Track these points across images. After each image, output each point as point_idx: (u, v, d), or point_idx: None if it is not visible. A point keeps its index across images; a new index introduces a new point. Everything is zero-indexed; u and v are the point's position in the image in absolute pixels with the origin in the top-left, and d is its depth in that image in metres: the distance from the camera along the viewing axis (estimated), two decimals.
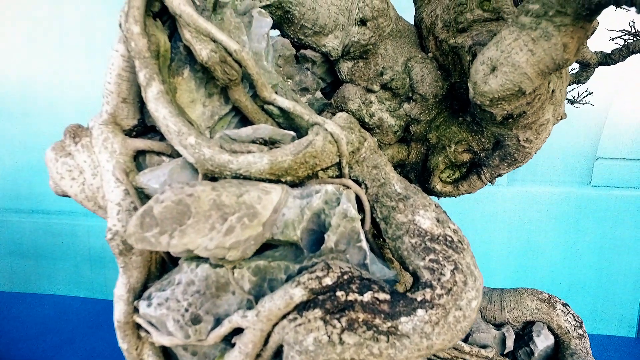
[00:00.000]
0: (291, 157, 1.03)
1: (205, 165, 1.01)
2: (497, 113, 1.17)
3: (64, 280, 4.17)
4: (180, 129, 1.01)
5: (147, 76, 1.04)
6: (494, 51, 1.08)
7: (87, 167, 1.25)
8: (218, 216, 0.85)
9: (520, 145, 1.29)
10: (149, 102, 1.03)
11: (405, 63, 1.40)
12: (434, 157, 1.45)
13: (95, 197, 1.25)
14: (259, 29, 1.23)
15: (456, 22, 1.30)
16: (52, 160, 1.31)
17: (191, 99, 1.20)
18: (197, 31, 1.07)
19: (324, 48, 1.44)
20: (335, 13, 1.38)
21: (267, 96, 1.13)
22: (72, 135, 1.30)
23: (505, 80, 1.07)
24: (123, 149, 1.21)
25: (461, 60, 1.35)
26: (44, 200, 4.05)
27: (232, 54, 1.07)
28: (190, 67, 1.19)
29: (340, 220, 1.05)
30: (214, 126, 1.23)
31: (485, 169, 1.42)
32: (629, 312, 3.44)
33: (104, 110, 1.25)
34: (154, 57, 1.07)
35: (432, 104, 1.41)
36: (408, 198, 1.12)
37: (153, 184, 1.12)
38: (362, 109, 1.43)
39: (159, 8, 1.15)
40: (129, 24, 1.05)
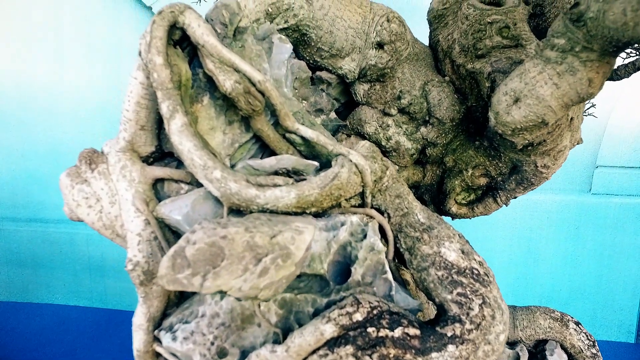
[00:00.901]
0: (318, 191, 1.02)
1: (231, 199, 1.00)
2: (518, 142, 1.18)
3: (62, 290, 4.12)
4: (206, 163, 1.00)
5: (170, 108, 1.03)
6: (517, 83, 1.09)
7: (105, 194, 1.23)
8: (251, 257, 0.84)
9: (538, 171, 1.30)
10: (173, 134, 1.02)
11: (422, 87, 1.41)
12: (450, 181, 1.46)
13: (113, 225, 1.23)
14: (279, 56, 1.22)
15: (475, 48, 1.30)
16: (68, 186, 1.29)
17: (211, 126, 1.18)
18: (221, 61, 1.06)
19: (340, 70, 1.44)
20: (352, 36, 1.38)
21: (290, 126, 1.13)
22: (87, 161, 1.28)
23: (528, 112, 1.08)
24: (142, 177, 1.20)
25: (478, 84, 1.35)
26: (41, 208, 3.99)
27: (255, 84, 1.06)
28: (210, 94, 1.17)
29: (367, 253, 1.05)
30: (234, 153, 1.22)
31: (501, 192, 1.43)
32: (628, 317, 3.50)
33: (121, 137, 1.23)
34: (176, 87, 1.06)
35: (449, 127, 1.42)
36: (432, 228, 1.12)
37: (175, 215, 1.11)
38: (379, 132, 1.43)
39: (180, 36, 1.13)
40: (152, 54, 1.03)
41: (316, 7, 1.35)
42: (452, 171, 1.46)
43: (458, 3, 1.41)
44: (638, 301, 3.47)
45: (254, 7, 1.35)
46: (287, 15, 1.35)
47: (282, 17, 1.36)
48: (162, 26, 1.05)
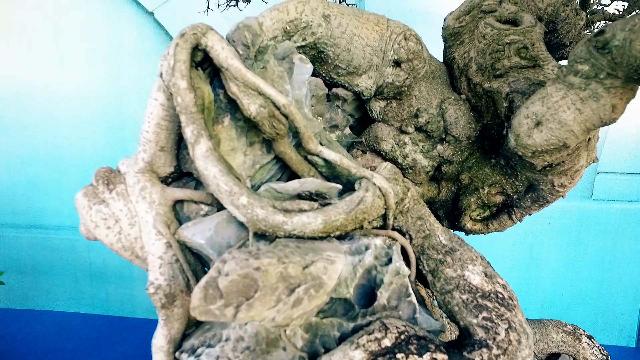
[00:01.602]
0: (344, 216, 1.02)
1: (257, 225, 1.00)
2: (538, 164, 1.18)
3: (63, 296, 4.08)
4: (232, 189, 0.99)
5: (194, 133, 1.02)
6: (539, 107, 1.09)
7: (124, 216, 1.22)
8: (284, 287, 0.84)
9: (555, 190, 1.31)
10: (198, 159, 1.01)
11: (439, 105, 1.41)
12: (466, 198, 1.46)
13: (133, 247, 1.23)
14: (300, 76, 1.22)
15: (493, 68, 1.31)
16: (85, 207, 1.27)
17: (231, 147, 1.18)
18: (245, 85, 1.05)
19: (356, 88, 1.43)
20: (369, 54, 1.38)
21: (313, 148, 1.13)
22: (105, 181, 1.27)
23: (550, 135, 1.09)
24: (162, 199, 1.19)
25: (495, 103, 1.36)
26: (42, 215, 3.95)
27: (280, 108, 1.06)
28: (231, 115, 1.17)
29: (392, 277, 1.05)
30: (254, 174, 1.22)
31: (516, 209, 1.44)
32: (628, 322, 3.55)
33: (140, 158, 1.22)
34: (199, 111, 1.05)
35: (465, 145, 1.43)
36: (454, 251, 1.13)
37: (198, 239, 1.10)
38: (395, 149, 1.43)
39: (201, 57, 1.13)
40: (176, 78, 1.03)
41: (334, 25, 1.34)
42: (467, 188, 1.47)
43: (474, 21, 1.42)
44: (638, 306, 3.52)
45: (272, 25, 1.35)
46: (305, 33, 1.35)
47: (299, 35, 1.35)
48: (185, 49, 1.05)
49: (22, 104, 3.76)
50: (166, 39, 3.52)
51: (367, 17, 1.40)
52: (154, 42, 3.55)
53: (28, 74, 3.70)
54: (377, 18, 1.42)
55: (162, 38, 3.52)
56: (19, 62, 3.69)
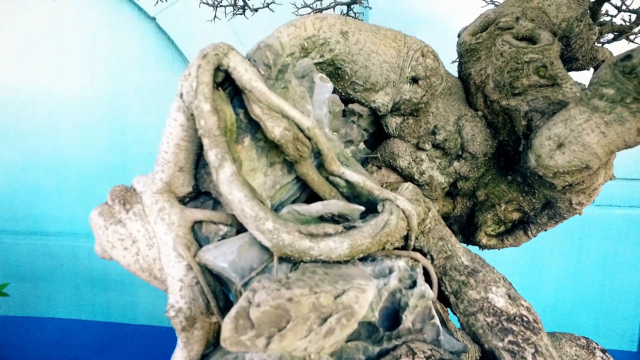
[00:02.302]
0: (369, 240, 1.02)
1: (283, 250, 0.99)
2: (559, 184, 1.19)
3: (63, 303, 4.04)
4: (257, 214, 0.98)
5: (218, 157, 1.01)
6: (561, 128, 1.09)
7: (141, 237, 1.20)
8: (316, 317, 0.83)
9: (572, 208, 1.32)
10: (222, 184, 1.00)
11: (456, 122, 1.41)
12: (482, 214, 1.46)
13: (151, 268, 1.21)
14: (320, 95, 1.21)
15: (511, 86, 1.31)
16: (101, 227, 1.26)
17: (251, 167, 1.17)
18: (269, 107, 1.04)
19: (373, 104, 1.43)
20: (387, 70, 1.37)
21: (336, 170, 1.12)
22: (121, 201, 1.25)
23: (573, 157, 1.09)
24: (182, 220, 1.17)
25: (512, 121, 1.36)
26: (41, 221, 3.91)
27: (304, 130, 1.05)
28: (252, 135, 1.16)
29: (417, 300, 1.05)
30: (274, 195, 1.21)
31: (532, 225, 1.44)
32: (630, 326, 3.58)
33: (158, 178, 1.20)
34: (223, 134, 1.04)
35: (482, 162, 1.42)
36: (477, 272, 1.13)
37: (220, 262, 1.09)
38: (412, 166, 1.43)
39: (222, 77, 1.11)
40: (199, 101, 1.01)
41: (352, 42, 1.34)
42: (483, 205, 1.46)
43: (491, 38, 1.41)
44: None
45: (289, 41, 1.34)
46: (322, 49, 1.34)
47: (317, 52, 1.34)
48: (208, 70, 1.03)
49: (22, 110, 3.71)
50: (168, 44, 3.49)
51: (384, 33, 1.39)
52: (155, 47, 3.51)
53: (28, 80, 3.65)
54: (394, 34, 1.41)
55: (164, 43, 3.49)
56: (19, 67, 3.64)
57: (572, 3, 1.57)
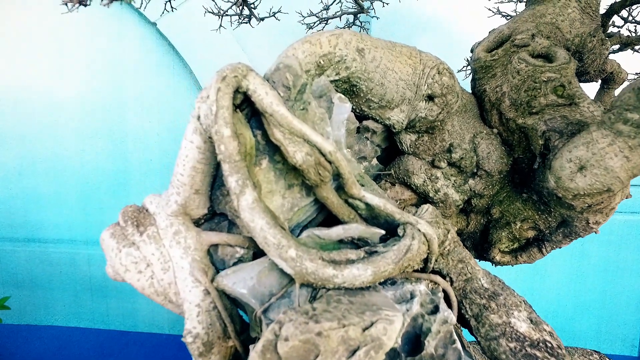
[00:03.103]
0: (392, 266, 1.01)
1: (306, 278, 0.97)
2: (578, 205, 1.18)
3: (62, 311, 3.99)
4: (280, 242, 0.96)
5: (239, 183, 0.99)
6: (583, 151, 1.09)
7: (156, 260, 1.18)
8: (344, 349, 0.82)
9: (589, 227, 1.31)
10: (243, 211, 0.98)
11: (472, 140, 1.40)
12: (496, 232, 1.46)
13: (166, 292, 1.19)
14: (339, 116, 1.20)
15: (528, 105, 1.30)
16: (114, 249, 1.23)
17: (269, 189, 1.15)
18: (291, 132, 1.02)
19: (387, 121, 1.41)
20: (402, 88, 1.36)
21: (356, 193, 1.10)
22: (134, 222, 1.23)
23: (594, 181, 1.08)
24: (198, 244, 1.15)
25: (528, 139, 1.35)
26: (40, 228, 3.85)
27: (326, 155, 1.04)
28: (269, 157, 1.14)
29: (440, 326, 1.04)
30: (292, 217, 1.19)
31: (547, 243, 1.44)
32: (631, 332, 3.61)
33: (173, 200, 1.18)
34: (243, 159, 1.02)
35: (497, 179, 1.42)
36: (498, 295, 1.12)
37: (240, 288, 1.07)
38: (427, 184, 1.42)
39: (241, 99, 1.09)
40: (219, 126, 0.99)
41: (368, 59, 1.32)
42: (498, 222, 1.46)
43: (507, 55, 1.40)
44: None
45: (304, 59, 1.32)
46: (338, 67, 1.32)
47: (333, 69, 1.33)
48: (228, 94, 1.01)
49: (21, 115, 3.65)
50: (169, 50, 3.45)
51: (399, 50, 1.38)
52: (156, 53, 3.47)
53: (27, 84, 3.59)
54: (409, 51, 1.40)
55: (165, 49, 3.45)
56: (19, 71, 3.58)
57: (585, 18, 1.57)
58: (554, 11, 1.54)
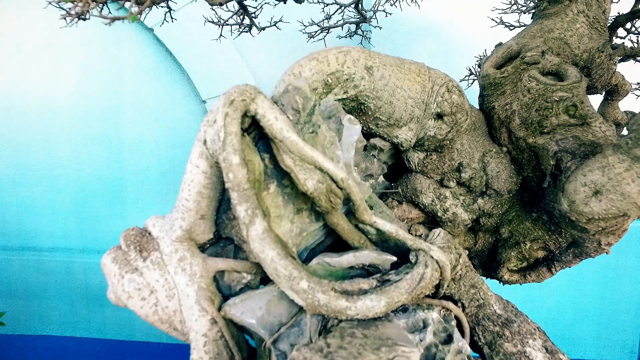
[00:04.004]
0: (406, 296, 0.98)
1: (318, 310, 0.94)
2: (592, 229, 1.16)
3: (58, 320, 3.92)
4: (291, 274, 0.93)
5: (249, 212, 0.95)
6: (598, 176, 1.07)
7: (160, 287, 1.14)
8: None
9: (601, 248, 1.30)
10: (253, 241, 0.95)
11: (481, 158, 1.37)
12: (505, 251, 1.43)
13: (171, 320, 1.15)
14: (349, 138, 1.16)
15: (540, 125, 1.28)
16: (116, 275, 1.19)
17: (277, 214, 1.12)
18: (302, 159, 0.99)
19: (395, 139, 1.39)
20: (411, 106, 1.33)
21: (367, 219, 1.07)
22: (137, 247, 1.19)
23: (610, 206, 1.06)
24: (204, 271, 1.12)
25: (538, 158, 1.33)
26: (34, 237, 3.78)
27: (338, 182, 1.01)
28: (278, 182, 1.11)
29: (454, 356, 1.01)
30: (301, 242, 1.16)
31: (557, 263, 1.42)
32: (630, 338, 3.62)
33: (178, 225, 1.14)
34: (252, 187, 0.98)
35: (506, 199, 1.40)
36: (511, 322, 1.10)
37: (248, 318, 1.04)
38: (435, 203, 1.39)
39: (249, 123, 1.06)
40: (227, 153, 0.96)
41: (377, 77, 1.29)
42: (507, 242, 1.44)
43: (517, 72, 1.38)
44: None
45: (311, 76, 1.29)
46: (347, 86, 1.29)
47: (341, 88, 1.30)
48: (236, 119, 0.98)
49: (15, 121, 3.58)
50: (166, 56, 3.40)
51: (408, 67, 1.35)
52: (153, 59, 3.42)
53: (21, 91, 3.52)
54: (418, 68, 1.37)
55: (162, 55, 3.40)
56: (13, 78, 3.51)
57: (594, 33, 1.55)
58: (562, 26, 1.52)
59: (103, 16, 1.11)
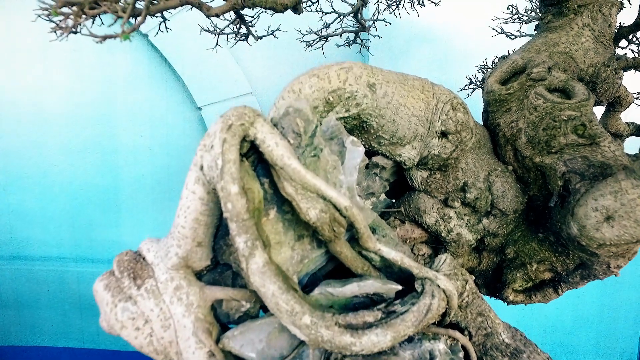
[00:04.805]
0: (412, 329, 0.94)
1: (321, 345, 0.90)
2: (603, 254, 1.13)
3: (50, 331, 3.84)
4: (293, 308, 0.89)
5: (248, 244, 0.91)
6: (611, 201, 1.03)
7: (155, 317, 1.09)
8: None
9: (610, 270, 1.26)
10: (253, 275, 0.90)
11: (486, 178, 1.34)
12: (511, 272, 1.40)
13: (167, 351, 1.10)
14: (351, 161, 1.12)
15: (547, 145, 1.24)
16: (109, 303, 1.14)
17: (277, 240, 1.07)
18: (304, 187, 0.95)
19: (398, 157, 1.35)
20: (415, 124, 1.29)
21: (371, 247, 1.03)
22: (131, 274, 1.14)
23: (623, 232, 1.03)
24: (201, 301, 1.07)
25: (545, 177, 1.30)
26: (26, 245, 3.70)
27: (341, 210, 0.96)
28: (278, 207, 1.06)
29: None
30: (302, 268, 1.11)
31: (564, 284, 1.39)
32: (629, 345, 3.62)
33: (173, 253, 1.09)
34: (252, 217, 0.94)
35: (512, 218, 1.36)
36: (520, 352, 1.06)
37: (248, 351, 0.99)
38: (439, 224, 1.35)
39: (247, 148, 1.01)
40: (225, 182, 0.91)
41: (380, 95, 1.25)
42: (513, 263, 1.40)
43: (523, 89, 1.35)
44: (639, 329, 3.59)
45: (311, 94, 1.24)
46: (348, 104, 1.25)
47: (343, 106, 1.25)
48: (235, 146, 0.93)
49: (5, 128, 3.50)
50: (161, 62, 3.34)
51: (412, 84, 1.31)
52: (148, 65, 3.36)
53: (12, 96, 3.44)
54: (421, 84, 1.33)
55: (157, 61, 3.34)
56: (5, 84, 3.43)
57: (599, 47, 1.52)
58: (567, 40, 1.49)
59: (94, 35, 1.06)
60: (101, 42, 1.09)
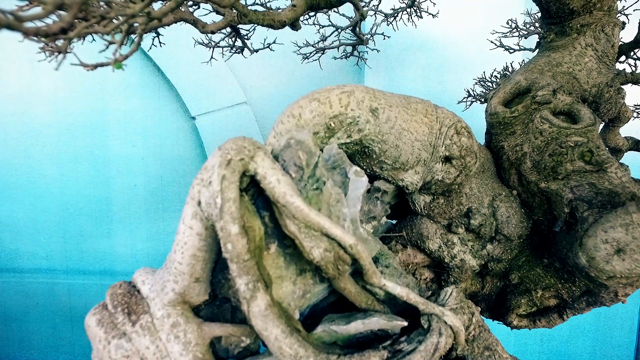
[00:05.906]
0: None
1: None
2: (612, 285, 1.10)
3: (39, 344, 3.76)
4: (297, 352, 0.85)
5: (250, 287, 0.86)
6: (621, 234, 1.01)
7: (151, 355, 1.04)
8: None
9: (617, 298, 1.24)
10: (255, 318, 0.86)
11: (490, 203, 1.31)
12: (515, 298, 1.37)
13: None
14: (355, 192, 1.08)
15: (553, 171, 1.22)
16: (102, 340, 1.09)
17: (278, 275, 1.03)
18: (307, 226, 0.91)
19: (400, 182, 1.31)
20: (418, 149, 1.26)
21: (376, 282, 1.00)
22: (125, 310, 1.09)
23: (635, 266, 1.01)
24: (199, 339, 1.02)
25: (551, 203, 1.27)
26: (15, 257, 3.61)
27: (346, 249, 0.92)
28: (279, 241, 1.02)
29: None
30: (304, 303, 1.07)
31: (569, 310, 1.36)
32: (625, 354, 3.63)
33: (170, 288, 1.05)
34: (253, 257, 0.89)
35: (516, 244, 1.33)
36: None
37: None
38: (443, 249, 1.32)
39: (247, 183, 0.97)
40: (225, 222, 0.87)
41: (382, 120, 1.21)
42: (517, 288, 1.37)
43: (528, 112, 1.32)
44: (635, 338, 3.61)
45: (312, 119, 1.21)
46: (350, 129, 1.21)
47: (344, 132, 1.22)
48: (234, 183, 0.89)
49: None
50: (154, 71, 3.27)
51: (415, 107, 1.27)
52: (141, 73, 3.29)
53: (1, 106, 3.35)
54: (425, 107, 1.30)
55: (150, 70, 3.27)
56: None
57: (602, 67, 1.50)
58: (570, 60, 1.47)
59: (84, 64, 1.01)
60: (92, 70, 1.04)
